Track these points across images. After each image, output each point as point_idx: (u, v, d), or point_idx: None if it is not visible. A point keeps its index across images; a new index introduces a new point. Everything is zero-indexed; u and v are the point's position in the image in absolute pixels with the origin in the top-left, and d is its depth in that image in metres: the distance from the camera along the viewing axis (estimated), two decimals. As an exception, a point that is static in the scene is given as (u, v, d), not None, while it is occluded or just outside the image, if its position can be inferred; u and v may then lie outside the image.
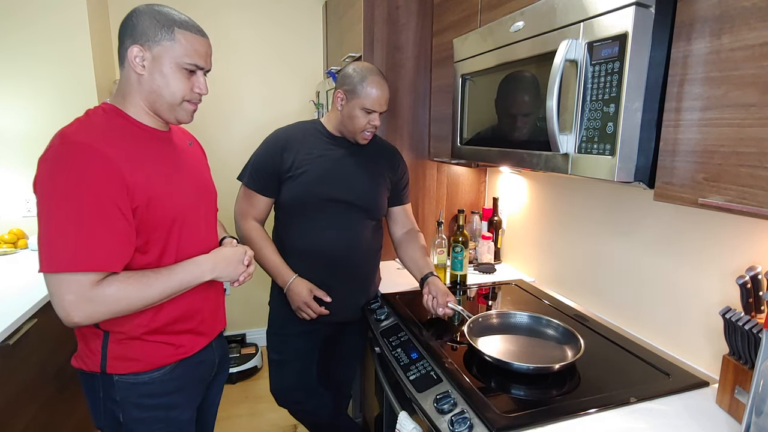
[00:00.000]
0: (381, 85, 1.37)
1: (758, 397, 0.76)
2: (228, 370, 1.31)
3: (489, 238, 1.88)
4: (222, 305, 1.18)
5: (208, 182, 1.16)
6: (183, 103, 0.97)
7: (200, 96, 0.99)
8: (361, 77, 1.36)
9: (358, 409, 1.95)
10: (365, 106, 1.36)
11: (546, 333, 1.23)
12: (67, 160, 0.83)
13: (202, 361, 1.10)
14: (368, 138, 1.44)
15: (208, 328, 1.10)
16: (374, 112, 1.38)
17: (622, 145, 0.85)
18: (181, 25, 0.93)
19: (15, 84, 2.01)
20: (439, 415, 0.95)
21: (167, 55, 0.92)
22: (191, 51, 0.93)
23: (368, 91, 1.35)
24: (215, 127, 2.60)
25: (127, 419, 0.99)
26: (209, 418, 1.27)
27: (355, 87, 1.36)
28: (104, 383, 0.97)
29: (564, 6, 0.94)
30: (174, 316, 1.00)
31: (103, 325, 0.94)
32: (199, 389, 1.13)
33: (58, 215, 0.82)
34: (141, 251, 0.94)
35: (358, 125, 1.39)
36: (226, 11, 2.49)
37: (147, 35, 0.90)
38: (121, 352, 0.96)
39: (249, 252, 1.10)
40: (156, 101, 0.95)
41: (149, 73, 0.93)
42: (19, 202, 2.10)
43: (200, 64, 0.96)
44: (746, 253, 1.00)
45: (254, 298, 2.79)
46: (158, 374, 1.00)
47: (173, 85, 0.94)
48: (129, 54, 0.91)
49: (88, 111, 0.96)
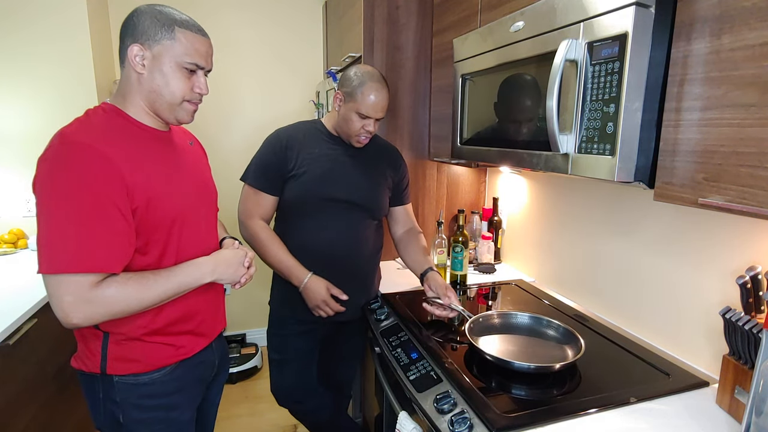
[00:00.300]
0: (379, 92, 1.35)
1: (758, 397, 0.76)
2: (228, 370, 1.31)
3: (489, 238, 1.88)
4: (222, 306, 1.18)
5: (209, 182, 1.16)
6: (183, 103, 0.96)
7: (201, 96, 0.98)
8: (360, 81, 1.35)
9: (358, 409, 1.95)
10: (360, 111, 1.35)
11: (546, 333, 1.22)
12: (67, 160, 0.83)
13: (202, 361, 1.10)
14: (363, 142, 1.43)
15: (208, 329, 1.10)
16: (369, 118, 1.37)
17: (622, 145, 0.85)
18: (182, 25, 0.92)
19: (15, 84, 2.01)
20: (439, 415, 0.95)
21: (167, 54, 0.91)
22: (191, 50, 0.93)
23: (365, 97, 1.34)
24: (215, 127, 2.60)
25: (127, 420, 0.99)
26: (209, 418, 1.27)
27: (354, 90, 1.35)
28: (104, 384, 0.97)
29: (564, 6, 0.94)
30: (174, 317, 1.00)
31: (103, 326, 0.94)
32: (199, 390, 1.13)
33: (57, 216, 0.82)
34: (141, 252, 0.93)
35: (352, 129, 1.39)
36: (226, 11, 2.49)
37: (147, 34, 0.90)
38: (121, 353, 0.95)
39: (250, 254, 1.10)
40: (156, 101, 0.95)
41: (149, 73, 0.92)
42: (19, 202, 2.09)
43: (201, 64, 0.95)
44: (746, 253, 1.00)
45: (254, 298, 2.79)
46: (158, 375, 1.00)
47: (173, 85, 0.93)
48: (129, 53, 0.91)
49: (88, 111, 0.95)
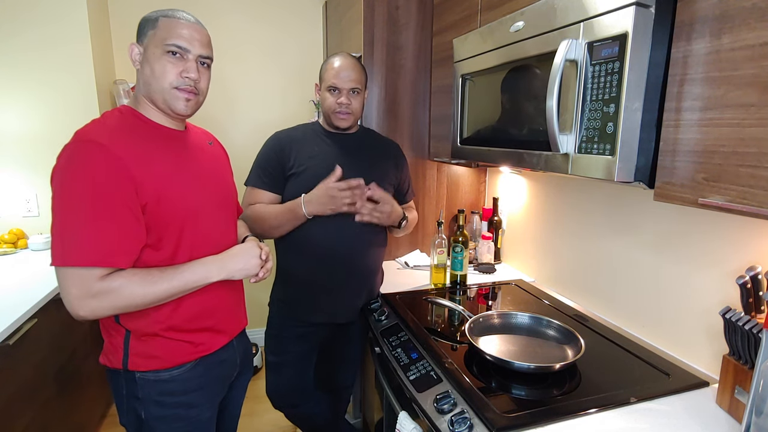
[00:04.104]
0: (341, 60, 1.39)
1: (758, 397, 0.76)
2: (251, 369, 1.29)
3: (489, 238, 1.88)
4: (242, 303, 1.18)
5: (228, 182, 1.16)
6: (173, 90, 0.96)
7: (192, 82, 0.97)
8: (324, 62, 1.43)
9: (358, 409, 1.95)
10: (328, 84, 1.39)
11: (546, 333, 1.22)
12: (77, 157, 0.86)
13: (224, 360, 1.10)
14: (344, 118, 1.42)
15: (227, 326, 1.10)
16: (339, 90, 1.38)
17: (622, 145, 0.85)
18: (166, 15, 0.96)
19: (16, 85, 2.01)
20: (439, 415, 0.95)
21: (151, 43, 0.95)
22: (173, 33, 0.95)
23: (328, 69, 1.40)
24: (215, 127, 2.58)
25: (148, 416, 1.00)
26: (233, 418, 1.26)
27: (321, 73, 1.43)
28: (127, 380, 0.99)
29: (564, 6, 0.94)
30: (191, 313, 1.01)
31: (123, 321, 0.96)
32: (220, 389, 1.13)
33: (66, 210, 0.85)
34: (154, 248, 0.94)
35: (328, 107, 1.42)
36: (226, 12, 2.49)
37: (141, 32, 0.97)
38: (142, 349, 0.97)
39: (265, 248, 1.10)
40: (150, 92, 0.97)
41: (142, 66, 0.96)
42: (19, 202, 2.10)
43: (182, 45, 0.95)
44: (746, 253, 1.00)
45: (254, 299, 2.77)
46: (178, 372, 1.01)
47: (157, 70, 0.94)
48: (129, 53, 0.97)
49: (105, 112, 0.99)
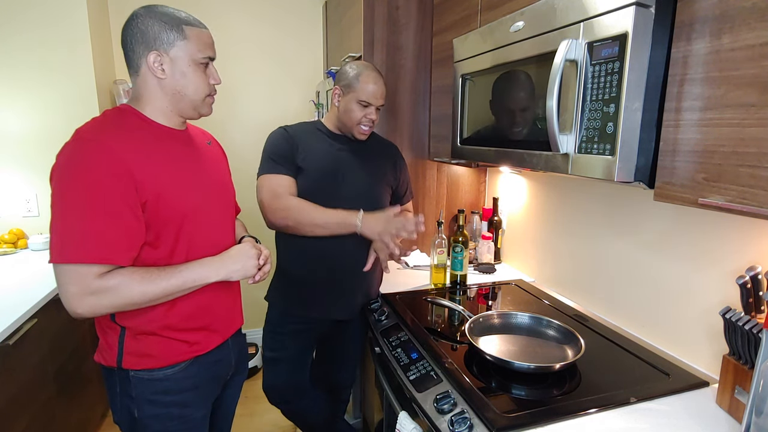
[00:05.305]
0: (377, 80, 1.40)
1: (758, 397, 0.76)
2: (247, 369, 1.29)
3: (489, 238, 1.88)
4: (238, 303, 1.18)
5: (226, 182, 1.16)
6: (206, 98, 1.01)
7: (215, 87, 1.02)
8: (357, 72, 1.39)
9: (358, 409, 1.95)
10: (360, 98, 1.38)
11: (546, 333, 1.22)
12: (77, 154, 0.86)
13: (219, 360, 1.11)
14: (365, 132, 1.44)
15: (222, 326, 1.10)
16: (370, 106, 1.40)
17: (622, 145, 0.85)
18: (187, 23, 0.96)
19: (16, 85, 2.01)
20: (439, 415, 0.95)
21: (184, 54, 0.95)
22: (202, 45, 0.97)
23: (363, 84, 1.38)
24: (216, 127, 2.59)
25: (142, 415, 1.00)
26: (227, 417, 1.26)
27: (351, 81, 1.39)
28: (121, 378, 0.99)
29: (564, 6, 0.94)
30: (187, 311, 1.01)
31: (119, 319, 0.96)
32: (215, 388, 1.13)
33: (65, 208, 0.85)
34: (152, 246, 0.95)
35: (354, 118, 1.40)
36: (226, 12, 2.49)
37: (160, 39, 0.93)
38: (136, 347, 0.97)
39: (265, 251, 1.10)
40: (180, 101, 0.98)
41: (170, 76, 0.95)
42: (19, 202, 2.10)
43: (212, 56, 1.00)
44: (746, 253, 1.00)
45: (254, 298, 2.77)
46: (172, 371, 1.01)
47: (196, 82, 0.97)
48: (147, 62, 0.94)
49: (105, 111, 0.99)
